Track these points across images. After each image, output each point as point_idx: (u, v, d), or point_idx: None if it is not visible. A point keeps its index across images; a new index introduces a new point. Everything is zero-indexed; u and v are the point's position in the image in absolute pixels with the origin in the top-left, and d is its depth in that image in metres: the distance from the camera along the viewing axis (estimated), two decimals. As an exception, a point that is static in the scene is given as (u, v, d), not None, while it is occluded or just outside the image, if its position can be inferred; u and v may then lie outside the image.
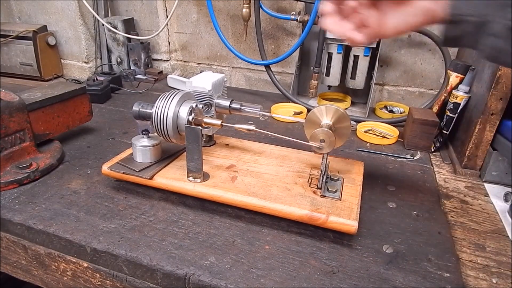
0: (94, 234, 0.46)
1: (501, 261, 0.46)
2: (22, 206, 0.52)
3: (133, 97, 1.01)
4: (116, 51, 1.19)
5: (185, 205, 0.53)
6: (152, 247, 0.44)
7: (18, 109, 0.58)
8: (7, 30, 1.11)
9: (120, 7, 1.22)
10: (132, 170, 0.54)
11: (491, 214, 0.56)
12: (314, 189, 0.52)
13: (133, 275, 0.44)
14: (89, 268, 0.46)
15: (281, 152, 0.62)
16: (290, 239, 0.47)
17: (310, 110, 0.52)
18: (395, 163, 0.69)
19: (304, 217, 0.46)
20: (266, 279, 0.40)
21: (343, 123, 0.51)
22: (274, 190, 0.51)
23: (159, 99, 0.52)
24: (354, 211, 0.47)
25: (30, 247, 0.49)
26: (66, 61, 1.22)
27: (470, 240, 0.50)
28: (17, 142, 0.59)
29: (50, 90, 0.68)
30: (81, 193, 0.55)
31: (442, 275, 0.42)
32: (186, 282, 0.41)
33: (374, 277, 0.41)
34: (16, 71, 1.16)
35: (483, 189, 0.63)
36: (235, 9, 1.06)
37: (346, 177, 0.55)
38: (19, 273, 0.54)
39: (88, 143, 0.72)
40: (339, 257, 0.44)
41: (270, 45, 1.08)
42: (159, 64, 1.26)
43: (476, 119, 0.63)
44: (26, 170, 0.57)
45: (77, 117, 0.72)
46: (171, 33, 1.20)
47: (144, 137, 0.56)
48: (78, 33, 1.15)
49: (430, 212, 0.54)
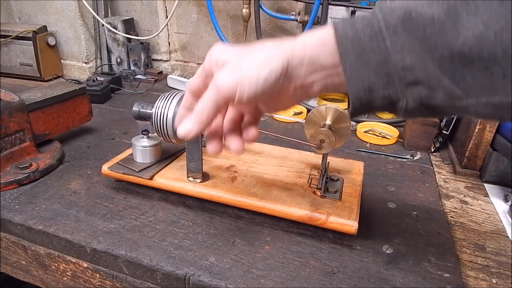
0: (94, 234, 0.46)
1: (501, 262, 0.46)
2: (22, 206, 0.52)
3: (133, 97, 1.01)
4: (116, 52, 1.19)
5: (185, 205, 0.53)
6: (152, 247, 0.44)
7: (18, 110, 0.58)
8: (7, 30, 1.11)
9: (120, 7, 1.22)
10: (132, 170, 0.54)
11: (491, 214, 0.56)
12: (314, 190, 0.52)
13: (133, 275, 0.44)
14: (89, 269, 0.46)
15: (281, 153, 0.62)
16: (290, 239, 0.47)
17: (310, 110, 0.52)
18: (395, 163, 0.69)
19: (304, 217, 0.46)
20: (266, 279, 0.40)
21: (343, 123, 0.51)
22: (274, 190, 0.51)
23: (159, 99, 0.52)
24: (354, 211, 0.47)
25: (30, 248, 0.49)
26: (66, 61, 1.22)
27: (470, 241, 0.50)
28: (17, 142, 0.59)
29: (50, 91, 0.68)
30: (81, 193, 0.55)
31: (442, 275, 0.42)
32: (186, 282, 0.41)
33: (374, 278, 0.41)
34: (16, 71, 1.16)
35: (483, 189, 0.63)
36: (235, 10, 1.06)
37: (346, 177, 0.55)
38: (19, 274, 0.54)
39: (88, 143, 0.72)
40: (339, 257, 0.44)
41: (270, 45, 1.08)
42: (159, 64, 1.26)
43: (476, 120, 0.63)
44: (26, 170, 0.57)
45: (77, 117, 0.72)
46: (171, 33, 1.20)
47: (144, 137, 0.56)
48: (78, 33, 1.15)
49: (430, 212, 0.54)
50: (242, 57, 0.33)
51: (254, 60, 0.32)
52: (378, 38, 0.29)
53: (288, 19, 0.96)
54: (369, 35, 0.29)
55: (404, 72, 0.29)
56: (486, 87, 0.27)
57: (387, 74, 0.29)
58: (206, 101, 0.33)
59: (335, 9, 0.89)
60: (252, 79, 0.31)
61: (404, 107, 0.30)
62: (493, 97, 0.27)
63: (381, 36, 0.29)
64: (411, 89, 0.29)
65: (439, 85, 0.28)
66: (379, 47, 0.29)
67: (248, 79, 0.31)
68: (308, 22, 0.89)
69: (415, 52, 0.28)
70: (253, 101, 0.33)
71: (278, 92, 0.33)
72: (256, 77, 0.31)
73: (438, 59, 0.27)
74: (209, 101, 0.33)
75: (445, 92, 0.28)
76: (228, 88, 0.32)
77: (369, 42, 0.29)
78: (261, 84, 0.31)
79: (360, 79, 0.30)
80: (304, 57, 0.32)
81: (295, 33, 1.04)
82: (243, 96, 0.32)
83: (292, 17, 0.95)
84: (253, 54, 0.33)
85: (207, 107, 0.33)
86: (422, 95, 0.29)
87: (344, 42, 0.30)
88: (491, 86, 0.27)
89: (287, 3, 1.01)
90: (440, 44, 0.27)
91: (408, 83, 0.29)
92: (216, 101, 0.33)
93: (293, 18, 0.94)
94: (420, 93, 0.29)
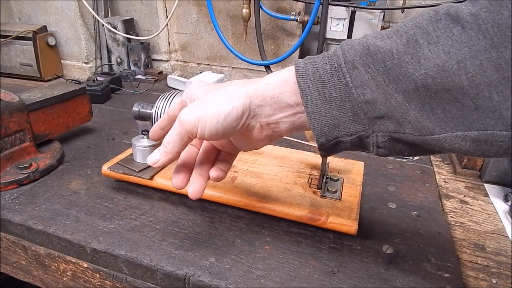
0: (94, 234, 0.46)
1: (501, 262, 0.46)
2: (22, 206, 0.52)
3: (133, 98, 1.01)
4: (116, 52, 1.19)
5: (185, 205, 0.53)
6: (152, 248, 0.44)
7: (18, 110, 0.58)
8: (7, 31, 1.11)
9: (120, 7, 1.22)
10: (132, 170, 0.54)
11: (491, 214, 0.56)
12: (314, 190, 0.52)
13: (133, 275, 0.44)
14: (89, 269, 0.46)
15: (281, 153, 0.62)
16: (290, 239, 0.47)
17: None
18: (395, 163, 0.69)
19: (304, 217, 0.46)
20: (266, 280, 0.40)
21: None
22: (274, 191, 0.51)
23: (159, 99, 0.52)
24: (354, 211, 0.47)
25: (30, 248, 0.49)
26: (66, 62, 1.22)
27: (470, 241, 0.50)
28: (17, 142, 0.59)
29: (50, 91, 0.68)
30: (81, 193, 0.55)
31: (442, 276, 0.42)
32: (186, 283, 0.41)
33: (374, 278, 0.41)
34: (16, 72, 1.16)
35: (483, 189, 0.63)
36: (235, 10, 1.06)
37: (346, 177, 0.55)
38: (19, 274, 0.54)
39: (88, 144, 0.72)
40: (339, 257, 0.44)
41: (270, 45, 1.08)
42: (159, 65, 1.26)
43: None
44: (26, 170, 0.57)
45: (77, 117, 0.72)
46: (171, 34, 1.20)
47: (144, 137, 0.56)
48: (78, 33, 1.15)
49: (430, 213, 0.54)
50: (209, 94, 0.35)
51: (217, 98, 0.33)
52: (338, 74, 0.29)
53: (288, 19, 0.96)
54: (329, 71, 0.30)
55: (367, 106, 0.29)
56: (460, 121, 0.25)
57: (351, 109, 0.29)
58: (172, 133, 0.35)
59: (335, 9, 0.90)
60: (213, 116, 0.32)
61: (375, 143, 0.30)
62: (470, 132, 0.25)
63: (341, 72, 0.29)
64: (378, 124, 0.29)
65: (406, 119, 0.28)
66: (339, 83, 0.29)
67: (209, 115, 0.32)
68: (308, 22, 0.89)
69: (376, 86, 0.28)
70: (215, 137, 0.34)
71: (245, 130, 0.34)
72: (217, 114, 0.32)
73: (402, 91, 0.27)
74: (175, 134, 0.35)
75: (413, 126, 0.27)
76: (190, 123, 0.33)
77: (329, 78, 0.30)
78: (221, 121, 0.32)
79: (323, 115, 0.30)
80: (267, 96, 0.33)
81: (295, 33, 1.04)
82: (205, 131, 0.33)
83: (292, 17, 0.95)
84: (218, 93, 0.34)
85: (172, 139, 0.35)
86: (390, 130, 0.29)
87: (305, 79, 0.30)
88: (464, 119, 0.25)
89: (287, 3, 1.01)
90: (402, 77, 0.27)
91: (374, 118, 0.29)
92: (180, 134, 0.34)
93: (293, 18, 0.94)
94: (387, 128, 0.29)
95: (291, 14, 0.95)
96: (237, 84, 0.35)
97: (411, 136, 0.28)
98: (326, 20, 0.90)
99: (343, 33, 0.92)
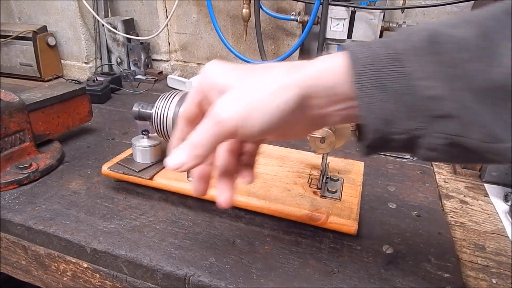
0: (94, 234, 0.46)
1: (501, 262, 0.46)
2: (22, 206, 0.52)
3: (133, 98, 1.01)
4: (116, 52, 1.19)
5: (185, 206, 0.53)
6: (152, 248, 0.44)
7: (18, 110, 0.58)
8: (7, 31, 1.11)
9: (120, 7, 1.22)
10: (132, 170, 0.54)
11: (491, 214, 0.56)
12: (314, 190, 0.52)
13: (133, 275, 0.44)
14: (89, 269, 0.46)
15: (281, 153, 0.62)
16: (290, 239, 0.47)
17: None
18: (395, 163, 0.69)
19: (304, 217, 0.46)
20: (266, 280, 0.40)
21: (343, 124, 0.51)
22: (274, 191, 0.51)
23: (159, 100, 0.52)
24: (354, 211, 0.47)
25: (30, 248, 0.49)
26: (66, 62, 1.22)
27: (470, 241, 0.50)
28: (17, 142, 0.59)
29: (50, 91, 0.68)
30: (81, 193, 0.55)
31: (442, 276, 0.42)
32: (186, 283, 0.41)
33: (374, 278, 0.41)
34: (16, 72, 1.16)
35: (483, 189, 0.63)
36: (235, 10, 1.06)
37: (346, 178, 0.55)
38: (19, 274, 0.54)
39: (88, 144, 0.72)
40: (339, 257, 0.44)
41: (270, 45, 1.08)
42: (159, 65, 1.26)
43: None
44: (26, 170, 0.57)
45: (77, 117, 0.72)
46: (171, 34, 1.20)
47: (144, 137, 0.56)
48: (78, 33, 1.15)
49: (430, 213, 0.54)
50: (247, 82, 0.28)
51: (262, 89, 0.27)
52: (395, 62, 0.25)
53: (288, 19, 0.96)
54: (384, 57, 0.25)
55: (431, 102, 0.24)
56: None
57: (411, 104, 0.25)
58: (205, 134, 0.28)
59: (335, 9, 0.90)
60: (262, 112, 0.26)
61: (428, 144, 0.26)
62: None
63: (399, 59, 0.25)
64: (437, 124, 0.25)
65: (475, 122, 0.23)
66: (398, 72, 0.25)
67: (258, 111, 0.26)
68: (308, 22, 0.89)
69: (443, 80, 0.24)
70: (257, 137, 0.27)
71: (289, 123, 0.28)
72: (268, 109, 0.26)
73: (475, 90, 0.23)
74: (208, 134, 0.28)
75: (481, 131, 0.23)
76: (233, 122, 0.26)
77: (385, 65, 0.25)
78: (272, 117, 0.26)
79: (378, 107, 0.25)
80: (318, 85, 0.27)
81: (295, 33, 1.04)
82: (251, 131, 0.27)
83: (292, 17, 0.95)
84: (261, 80, 0.27)
85: (205, 141, 0.28)
86: (452, 132, 0.24)
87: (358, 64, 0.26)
88: None
89: (287, 3, 1.01)
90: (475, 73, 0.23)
91: (435, 116, 0.24)
92: (216, 136, 0.27)
93: (293, 18, 0.95)
94: (449, 129, 0.24)
95: (291, 14, 0.95)
96: (280, 71, 0.28)
97: (475, 141, 0.24)
98: (326, 20, 0.90)
99: (343, 33, 0.92)
